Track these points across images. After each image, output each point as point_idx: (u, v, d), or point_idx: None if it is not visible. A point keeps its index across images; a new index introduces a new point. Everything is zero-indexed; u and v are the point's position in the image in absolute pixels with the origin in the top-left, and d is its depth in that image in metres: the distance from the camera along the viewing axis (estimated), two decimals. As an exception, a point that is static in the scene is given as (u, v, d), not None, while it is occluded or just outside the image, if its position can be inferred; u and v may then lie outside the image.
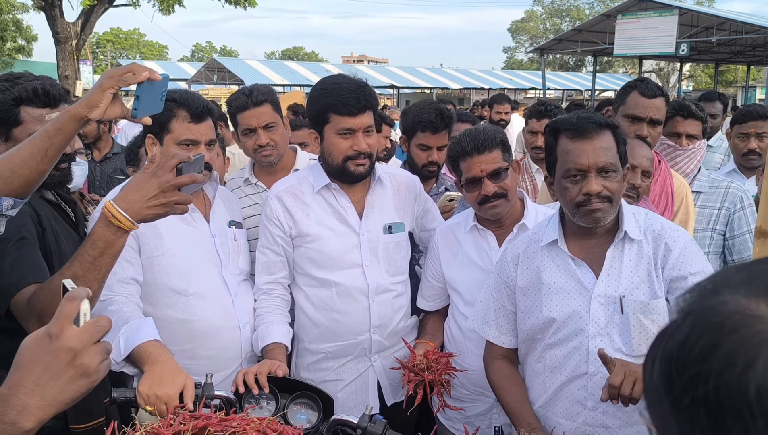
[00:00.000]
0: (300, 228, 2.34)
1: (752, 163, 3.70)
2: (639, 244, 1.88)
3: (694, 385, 0.49)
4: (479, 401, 2.37)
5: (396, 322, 2.43)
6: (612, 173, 1.82)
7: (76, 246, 2.05)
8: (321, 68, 37.82)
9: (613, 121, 1.91)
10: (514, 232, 2.30)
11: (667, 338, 0.54)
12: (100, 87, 1.59)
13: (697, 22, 24.92)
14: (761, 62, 32.98)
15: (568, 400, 1.92)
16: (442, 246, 2.43)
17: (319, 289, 2.37)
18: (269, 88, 2.83)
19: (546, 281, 1.95)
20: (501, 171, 2.24)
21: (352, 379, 2.44)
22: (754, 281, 0.52)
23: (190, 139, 2.16)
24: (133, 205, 1.55)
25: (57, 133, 1.60)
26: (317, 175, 2.36)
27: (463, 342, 2.36)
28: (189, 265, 2.19)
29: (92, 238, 1.57)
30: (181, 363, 1.89)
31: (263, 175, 2.83)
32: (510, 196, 2.27)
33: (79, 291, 0.99)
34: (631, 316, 1.82)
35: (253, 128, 2.69)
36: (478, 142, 2.24)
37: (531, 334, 2.00)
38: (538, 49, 32.24)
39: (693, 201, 2.81)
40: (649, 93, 2.82)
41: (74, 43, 16.84)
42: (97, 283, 1.58)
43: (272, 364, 1.97)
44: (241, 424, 1.48)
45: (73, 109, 1.60)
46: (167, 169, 1.57)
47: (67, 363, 0.95)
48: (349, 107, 2.20)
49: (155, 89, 1.67)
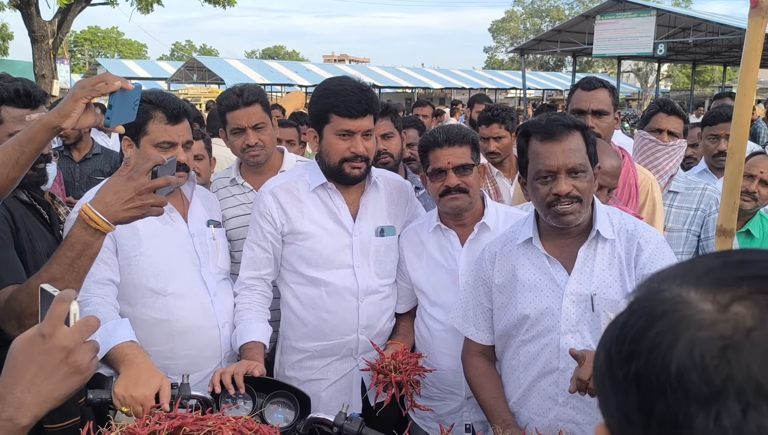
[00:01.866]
0: (293, 225, 2.35)
1: (722, 163, 3.77)
2: (612, 243, 1.91)
3: (629, 362, 0.54)
4: (450, 399, 2.40)
5: (383, 324, 2.46)
6: (581, 174, 1.86)
7: (51, 246, 2.07)
8: (302, 68, 37.75)
9: (583, 122, 1.96)
10: (475, 232, 2.34)
11: (612, 326, 0.59)
12: (73, 97, 1.62)
13: (675, 22, 25.25)
14: (737, 63, 33.40)
15: (540, 396, 1.96)
16: (406, 248, 2.46)
17: (307, 288, 2.38)
18: (260, 88, 2.83)
19: (521, 278, 1.99)
20: (467, 166, 2.28)
21: (337, 378, 2.45)
22: (689, 272, 0.57)
23: (167, 140, 2.16)
24: (109, 207, 1.58)
25: (29, 142, 1.62)
26: (313, 174, 2.37)
27: (431, 342, 2.39)
28: (167, 264, 2.19)
29: (70, 240, 1.60)
30: (160, 363, 1.90)
31: (250, 175, 2.82)
32: (471, 194, 2.30)
33: (68, 293, 1.03)
34: (602, 313, 1.86)
35: (243, 128, 2.69)
36: (450, 135, 2.28)
37: (506, 330, 2.04)
38: (519, 49, 32.43)
39: (660, 194, 2.85)
40: (589, 86, 2.92)
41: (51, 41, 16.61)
42: (75, 284, 1.60)
43: (249, 364, 1.98)
44: (216, 423, 1.49)
45: (45, 119, 1.63)
46: (143, 172, 1.60)
47: (61, 361, 1.00)
48: (350, 109, 2.21)
49: (128, 98, 1.71)
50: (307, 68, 37.78)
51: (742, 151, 1.30)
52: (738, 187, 1.31)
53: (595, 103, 2.85)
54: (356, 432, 1.81)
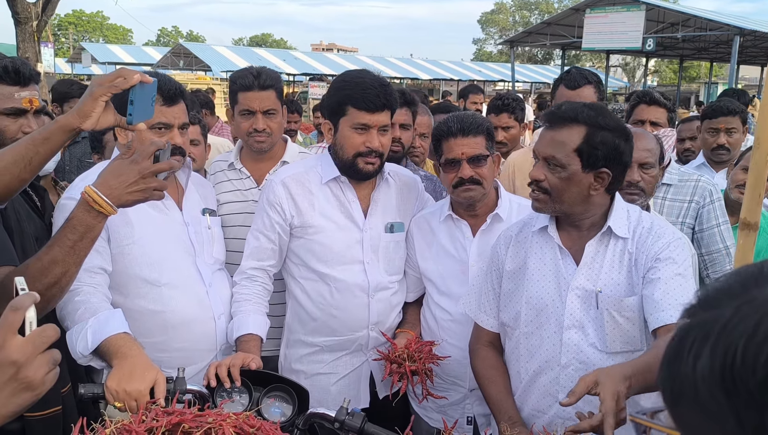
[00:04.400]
0: (304, 218, 2.30)
1: (721, 157, 3.77)
2: (625, 242, 1.87)
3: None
4: (453, 390, 2.37)
5: (393, 319, 2.43)
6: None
7: (38, 231, 2.00)
8: (290, 56, 37.50)
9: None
10: (488, 223, 2.30)
11: (719, 329, 0.52)
12: (91, 95, 1.57)
13: (664, 18, 25.35)
14: (723, 59, 33.71)
15: (540, 392, 1.93)
16: (417, 236, 2.42)
17: (317, 284, 2.33)
18: (277, 74, 2.74)
19: (531, 267, 1.96)
20: (481, 157, 2.24)
21: (347, 372, 2.42)
22: None
23: (162, 122, 2.08)
24: (113, 190, 1.57)
25: (44, 143, 1.58)
26: (326, 166, 2.32)
27: (438, 332, 2.36)
28: (161, 254, 2.12)
29: (71, 222, 1.57)
30: (153, 356, 1.83)
31: (249, 162, 2.74)
32: (485, 185, 2.27)
33: (23, 299, 0.94)
34: (605, 312, 1.82)
35: (253, 111, 2.60)
36: (464, 125, 2.23)
37: (509, 319, 2.01)
38: (508, 42, 32.41)
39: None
40: (573, 84, 2.86)
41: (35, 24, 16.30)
42: (75, 266, 1.59)
43: (245, 357, 1.93)
44: (217, 419, 1.43)
45: (63, 120, 1.59)
46: (146, 155, 1.59)
47: (10, 377, 0.91)
48: (369, 103, 2.17)
49: (146, 94, 1.66)
50: (296, 56, 37.54)
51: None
52: (764, 180, 1.27)
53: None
54: (358, 427, 1.76)
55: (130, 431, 1.35)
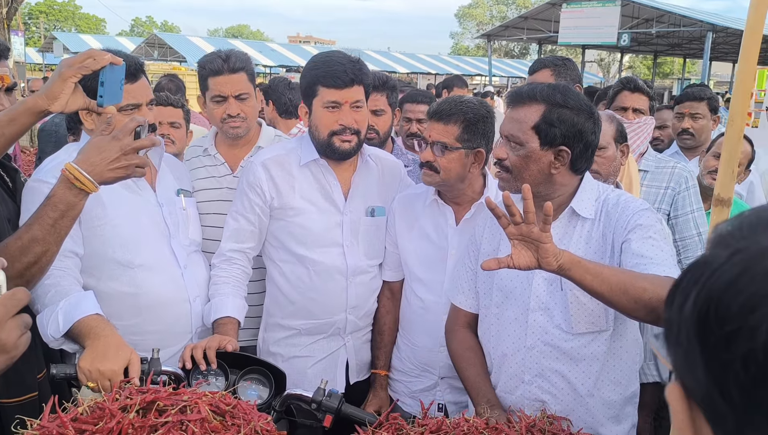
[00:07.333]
0: (284, 199, 2.28)
1: (686, 142, 3.83)
2: (591, 222, 1.87)
3: (737, 336, 0.45)
4: (424, 377, 2.38)
5: (371, 304, 2.43)
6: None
7: (11, 212, 1.94)
8: (266, 47, 37.15)
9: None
10: (472, 211, 2.26)
11: (708, 274, 0.50)
12: (60, 77, 1.54)
13: (638, 13, 25.60)
14: (696, 55, 34.22)
15: (507, 374, 1.94)
16: (398, 215, 2.39)
17: (295, 266, 2.31)
18: (247, 56, 2.63)
19: (502, 251, 1.95)
20: (446, 146, 2.15)
21: (323, 356, 2.41)
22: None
23: (131, 103, 2.00)
24: (95, 167, 1.55)
25: (9, 124, 1.55)
26: (306, 148, 2.30)
27: (411, 318, 2.37)
28: (134, 235, 2.07)
29: (52, 200, 1.55)
30: (127, 339, 1.80)
31: (224, 148, 2.67)
32: (444, 176, 2.18)
33: None
34: (569, 293, 1.82)
35: (225, 96, 2.52)
36: (440, 108, 2.20)
37: (485, 300, 2.01)
38: (485, 35, 32.50)
39: (636, 169, 2.83)
40: (533, 67, 3.00)
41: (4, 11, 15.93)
42: (56, 246, 1.58)
43: (222, 339, 1.91)
44: (192, 398, 1.41)
45: (31, 101, 1.55)
46: (127, 132, 1.57)
47: None
48: (336, 79, 2.14)
49: (115, 77, 1.64)
50: (272, 48, 37.21)
51: (743, 117, 1.27)
52: (737, 155, 1.29)
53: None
54: (335, 408, 1.76)
55: (103, 409, 1.33)
